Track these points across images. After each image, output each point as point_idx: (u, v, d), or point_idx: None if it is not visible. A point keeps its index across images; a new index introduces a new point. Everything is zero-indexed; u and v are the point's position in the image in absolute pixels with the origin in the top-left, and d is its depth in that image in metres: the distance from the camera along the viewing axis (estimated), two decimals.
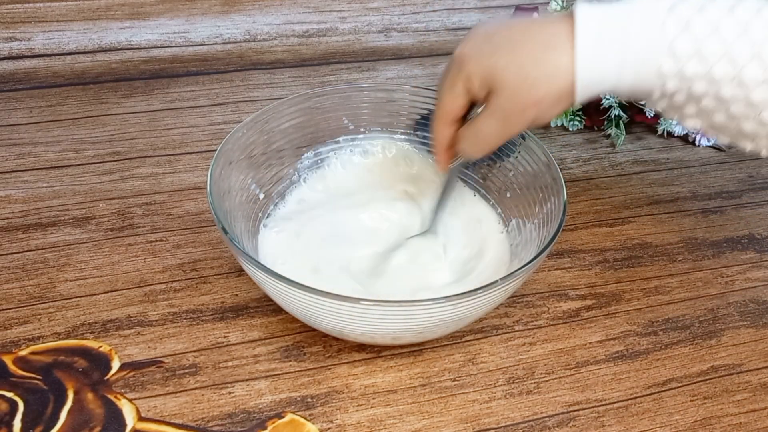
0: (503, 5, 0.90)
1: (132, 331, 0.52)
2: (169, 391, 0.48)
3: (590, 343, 0.53)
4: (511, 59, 0.44)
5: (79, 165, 0.66)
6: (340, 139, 0.60)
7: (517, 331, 0.53)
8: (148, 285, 0.55)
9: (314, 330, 0.52)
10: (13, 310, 0.53)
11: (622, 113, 0.71)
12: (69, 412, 0.46)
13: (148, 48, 0.80)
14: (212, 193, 0.48)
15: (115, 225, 0.60)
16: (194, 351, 0.51)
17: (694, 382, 0.51)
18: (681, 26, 0.41)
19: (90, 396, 0.47)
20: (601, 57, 0.43)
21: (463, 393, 0.49)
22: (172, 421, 0.47)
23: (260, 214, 0.55)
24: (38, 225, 0.60)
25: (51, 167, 0.66)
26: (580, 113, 0.73)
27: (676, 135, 0.73)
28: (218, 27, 0.82)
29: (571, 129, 0.73)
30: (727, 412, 0.49)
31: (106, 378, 0.49)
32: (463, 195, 0.59)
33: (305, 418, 0.47)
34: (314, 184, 0.59)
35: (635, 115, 0.73)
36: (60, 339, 0.51)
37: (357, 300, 0.43)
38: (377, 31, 0.86)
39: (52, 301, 0.54)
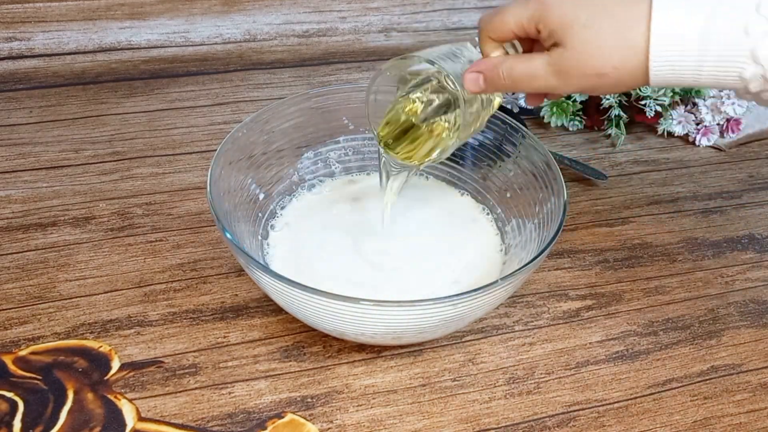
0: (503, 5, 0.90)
1: (132, 331, 0.52)
2: (169, 391, 0.48)
3: (590, 343, 0.53)
4: (593, 21, 0.43)
5: (79, 165, 0.66)
6: (340, 139, 0.60)
7: (517, 331, 0.53)
8: (148, 285, 0.55)
9: (314, 330, 0.52)
10: (13, 310, 0.53)
11: (622, 113, 0.71)
12: (69, 412, 0.46)
13: (148, 48, 0.80)
14: (212, 193, 0.48)
15: (115, 225, 0.60)
16: (194, 351, 0.51)
17: (694, 382, 0.51)
18: (764, 30, 0.40)
19: (90, 396, 0.47)
20: (678, 54, 0.42)
21: (463, 393, 0.49)
22: (172, 421, 0.47)
23: (260, 214, 0.55)
24: (38, 225, 0.60)
25: (51, 167, 0.66)
26: (580, 113, 0.73)
27: (676, 135, 0.74)
28: (218, 27, 0.82)
29: (571, 129, 0.73)
30: (727, 412, 0.49)
31: (106, 378, 0.49)
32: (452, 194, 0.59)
33: (305, 418, 0.47)
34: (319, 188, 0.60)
35: (635, 115, 0.73)
36: (60, 339, 0.51)
37: (357, 300, 0.43)
38: (377, 31, 0.86)
39: (52, 301, 0.54)
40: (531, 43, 0.48)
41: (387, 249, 0.54)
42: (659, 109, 0.70)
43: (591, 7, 0.44)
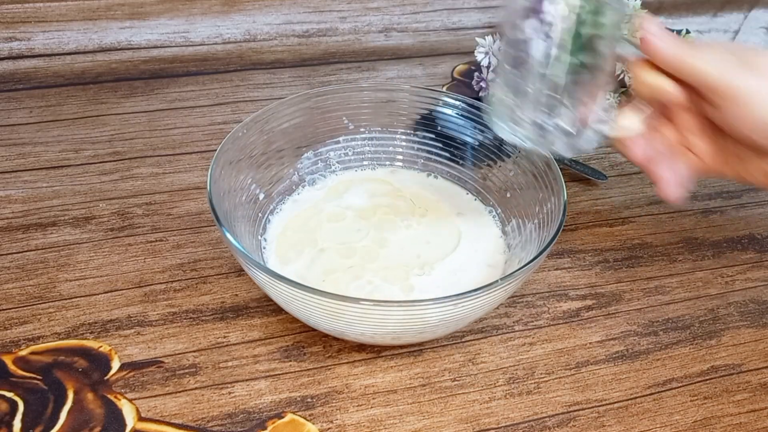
0: (503, 5, 0.90)
1: (132, 331, 0.52)
2: (169, 391, 0.48)
3: (590, 343, 0.53)
4: None
5: (79, 165, 0.66)
6: (340, 139, 0.60)
7: (517, 331, 0.53)
8: (148, 285, 0.55)
9: (314, 330, 0.52)
10: (13, 310, 0.53)
11: None
12: (69, 412, 0.46)
13: (148, 48, 0.80)
14: (212, 193, 0.48)
15: (115, 225, 0.60)
16: (194, 351, 0.51)
17: (694, 382, 0.51)
18: None
19: (90, 396, 0.47)
20: None
21: (463, 393, 0.49)
22: (172, 421, 0.47)
23: (260, 214, 0.55)
24: (38, 225, 0.60)
25: (51, 167, 0.66)
26: None
27: None
28: (218, 27, 0.82)
29: None
30: (727, 412, 0.49)
31: (106, 378, 0.49)
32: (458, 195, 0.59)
33: (305, 418, 0.47)
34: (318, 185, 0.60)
35: None
36: (60, 339, 0.51)
37: (357, 300, 0.43)
38: (377, 31, 0.86)
39: (52, 301, 0.54)
40: None
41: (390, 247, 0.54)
42: None
43: None
